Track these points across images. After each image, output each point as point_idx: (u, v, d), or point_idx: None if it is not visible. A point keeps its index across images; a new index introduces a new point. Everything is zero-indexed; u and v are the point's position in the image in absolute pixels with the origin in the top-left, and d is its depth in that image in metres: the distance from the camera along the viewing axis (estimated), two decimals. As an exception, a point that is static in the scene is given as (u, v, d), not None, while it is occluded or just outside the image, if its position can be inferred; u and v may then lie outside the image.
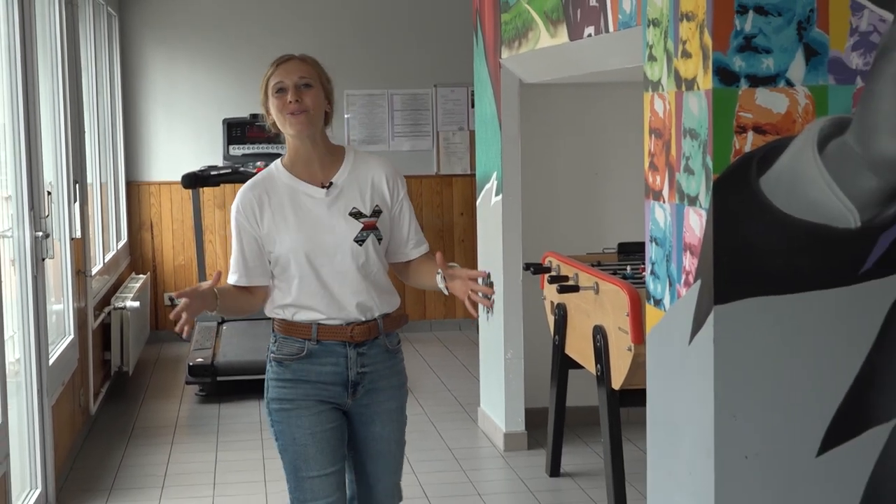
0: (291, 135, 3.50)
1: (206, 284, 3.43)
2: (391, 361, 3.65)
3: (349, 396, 3.54)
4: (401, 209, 3.63)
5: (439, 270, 3.55)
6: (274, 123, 3.53)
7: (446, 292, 3.57)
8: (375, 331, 3.56)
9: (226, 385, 7.94)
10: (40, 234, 5.62)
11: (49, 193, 6.15)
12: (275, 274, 3.55)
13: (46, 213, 5.87)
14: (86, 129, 7.62)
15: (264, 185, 3.52)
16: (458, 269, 3.61)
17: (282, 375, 3.55)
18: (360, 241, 3.48)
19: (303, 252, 3.46)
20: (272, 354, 3.58)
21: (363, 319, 3.52)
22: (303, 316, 3.51)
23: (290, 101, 3.41)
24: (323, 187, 3.50)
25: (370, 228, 3.50)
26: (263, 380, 8.03)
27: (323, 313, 3.50)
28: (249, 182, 3.57)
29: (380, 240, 3.54)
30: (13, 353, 5.32)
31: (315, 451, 3.47)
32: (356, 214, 3.49)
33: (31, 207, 5.56)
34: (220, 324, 8.85)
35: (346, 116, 9.95)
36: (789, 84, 3.64)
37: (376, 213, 3.53)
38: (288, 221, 3.48)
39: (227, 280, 3.57)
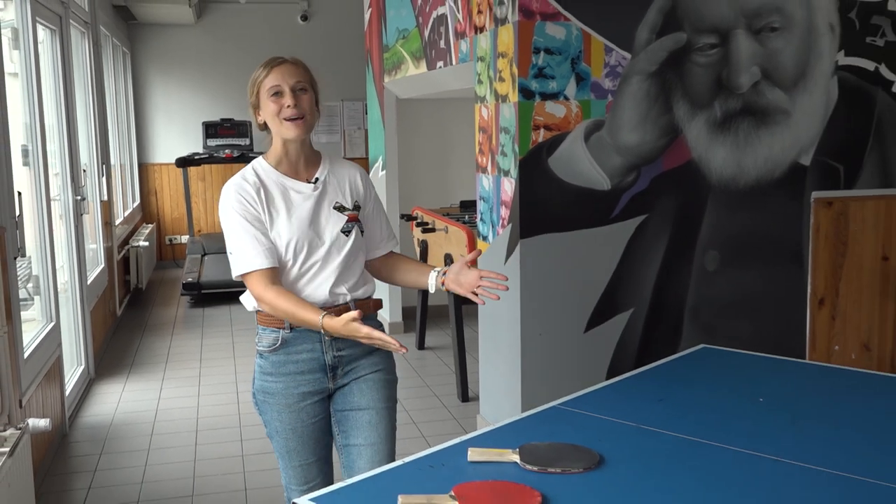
0: (288, 139, 2.38)
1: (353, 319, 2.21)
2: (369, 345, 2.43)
3: (330, 381, 2.41)
4: (374, 206, 2.55)
5: (437, 269, 2.53)
6: (265, 124, 2.42)
7: (433, 290, 2.54)
8: None
9: (207, 296, 7.86)
10: (79, 197, 5.50)
11: (84, 171, 6.01)
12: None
13: (83, 184, 5.75)
14: (109, 128, 7.43)
15: (256, 179, 2.40)
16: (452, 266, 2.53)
17: (265, 368, 2.41)
18: (346, 231, 2.43)
19: (293, 244, 2.36)
20: (257, 347, 2.46)
21: (334, 304, 2.38)
22: None
23: (289, 106, 2.35)
24: (309, 182, 2.43)
25: (353, 221, 2.45)
26: (234, 293, 8.00)
27: None
28: (239, 176, 2.42)
29: (362, 232, 2.49)
30: (63, 277, 5.20)
31: (296, 444, 2.41)
32: (340, 208, 2.44)
33: (73, 180, 5.42)
34: (202, 255, 8.70)
35: (283, 120, 9.82)
36: (566, 98, 3.66)
37: (356, 207, 2.48)
38: (280, 214, 2.37)
39: (251, 266, 2.33)
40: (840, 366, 2.74)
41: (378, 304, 2.54)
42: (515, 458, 1.85)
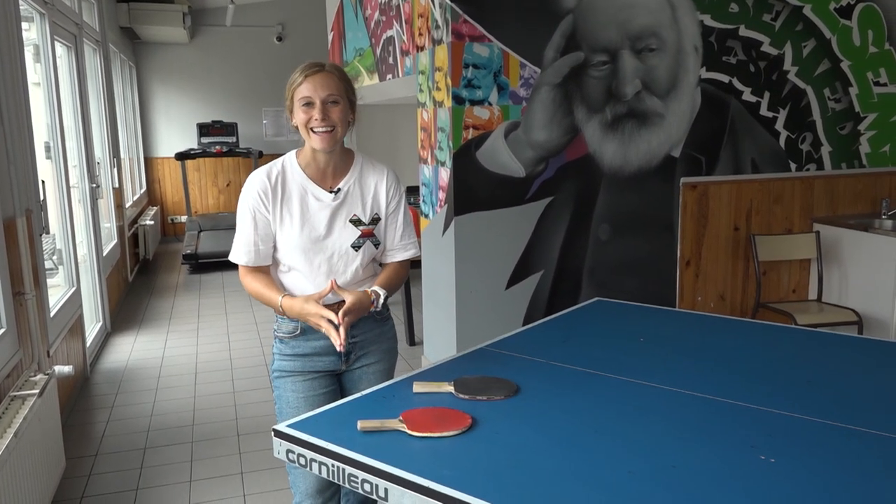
0: (315, 149, 1.98)
1: (315, 303, 1.92)
2: (381, 328, 2.13)
3: (343, 363, 2.08)
4: (395, 217, 2.10)
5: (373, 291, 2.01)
6: (297, 127, 2.00)
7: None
8: None
9: (203, 265, 7.72)
10: (94, 185, 5.32)
11: (98, 163, 5.83)
12: (273, 259, 2.04)
13: (98, 174, 5.59)
14: (119, 128, 7.20)
15: (280, 176, 2.00)
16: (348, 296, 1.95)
17: (283, 351, 2.06)
18: (356, 246, 2.02)
19: (300, 250, 1.98)
20: (275, 332, 2.09)
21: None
22: None
23: (317, 119, 1.94)
24: (331, 191, 2.01)
25: (367, 236, 2.04)
26: (226, 262, 7.87)
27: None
28: (265, 168, 2.02)
29: (376, 245, 2.06)
30: (82, 250, 5.04)
31: (305, 411, 1.92)
32: (356, 222, 2.03)
33: (89, 171, 5.24)
34: (199, 232, 8.50)
35: (263, 122, 9.60)
36: (490, 104, 3.64)
37: (374, 220, 2.06)
38: (293, 218, 1.98)
39: (237, 259, 2.02)
40: (702, 312, 2.80)
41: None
42: (451, 389, 1.85)
